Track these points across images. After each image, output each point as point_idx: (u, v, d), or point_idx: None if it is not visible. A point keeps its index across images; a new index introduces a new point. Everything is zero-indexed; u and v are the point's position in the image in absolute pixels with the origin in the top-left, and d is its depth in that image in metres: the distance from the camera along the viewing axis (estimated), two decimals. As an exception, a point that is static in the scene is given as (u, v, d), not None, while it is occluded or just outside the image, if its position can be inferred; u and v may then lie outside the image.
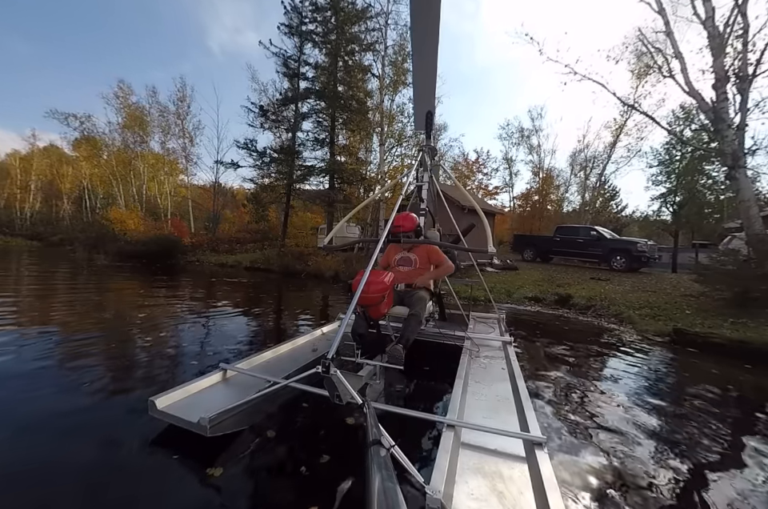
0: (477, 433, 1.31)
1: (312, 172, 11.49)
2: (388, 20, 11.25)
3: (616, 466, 1.46)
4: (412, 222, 2.19)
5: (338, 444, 1.51)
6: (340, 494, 1.20)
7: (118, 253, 12.04)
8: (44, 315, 3.84)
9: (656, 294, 5.90)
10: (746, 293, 4.48)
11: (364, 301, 1.70)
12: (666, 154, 12.10)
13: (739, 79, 5.51)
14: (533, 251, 11.31)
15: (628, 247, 8.92)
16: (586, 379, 2.54)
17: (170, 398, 1.52)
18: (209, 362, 2.42)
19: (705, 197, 11.63)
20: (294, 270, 9.63)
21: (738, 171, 5.38)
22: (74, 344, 2.75)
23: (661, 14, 6.30)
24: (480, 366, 2.10)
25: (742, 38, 5.52)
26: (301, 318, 4.38)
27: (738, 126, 5.56)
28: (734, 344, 3.41)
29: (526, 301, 5.88)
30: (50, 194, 28.26)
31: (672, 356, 3.36)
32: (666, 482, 1.38)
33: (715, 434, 1.81)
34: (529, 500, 0.99)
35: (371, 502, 0.65)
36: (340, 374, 1.18)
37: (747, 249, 5.13)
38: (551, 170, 22.34)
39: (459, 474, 1.09)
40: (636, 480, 1.38)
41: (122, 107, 18.73)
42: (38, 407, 1.71)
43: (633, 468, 1.46)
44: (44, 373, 2.13)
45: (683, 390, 2.52)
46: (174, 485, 1.25)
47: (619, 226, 18.65)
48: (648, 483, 1.37)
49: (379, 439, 0.88)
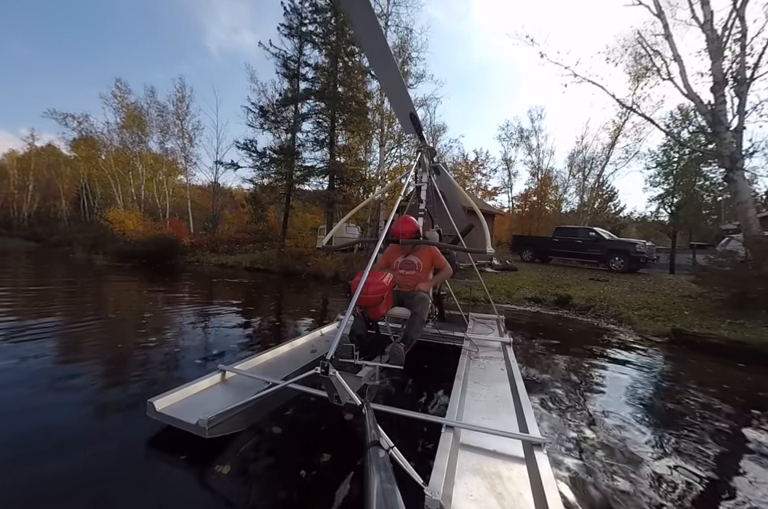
0: (476, 434, 1.30)
1: (312, 173, 11.49)
2: (388, 21, 11.28)
3: (616, 464, 1.46)
4: (412, 227, 2.15)
5: (337, 444, 1.51)
6: (340, 493, 1.20)
7: (117, 253, 11.99)
8: (48, 314, 3.82)
9: (654, 295, 5.92)
10: (744, 294, 4.51)
11: (363, 302, 1.70)
12: (664, 155, 12.17)
13: (737, 82, 5.54)
14: (532, 252, 11.33)
15: (626, 248, 8.95)
16: (587, 379, 2.55)
17: (169, 399, 1.51)
18: (214, 362, 2.41)
19: (702, 198, 11.70)
20: (294, 270, 9.62)
21: (735, 173, 5.41)
22: (81, 344, 2.76)
23: (660, 17, 6.34)
24: (479, 367, 2.10)
25: (740, 42, 5.56)
26: (303, 318, 4.39)
27: (736, 129, 5.59)
28: (732, 345, 3.43)
29: (525, 301, 5.89)
30: (47, 194, 28.19)
31: (670, 356, 3.37)
32: (666, 480, 1.39)
33: (711, 432, 1.82)
34: (528, 501, 0.99)
35: (370, 503, 0.65)
36: (339, 376, 1.18)
37: (745, 250, 5.16)
38: (550, 171, 22.44)
39: (458, 475, 1.09)
40: (636, 479, 1.38)
41: (120, 107, 18.72)
42: (42, 408, 1.70)
43: (632, 466, 1.46)
44: (45, 372, 2.12)
45: (682, 389, 2.52)
46: (174, 485, 1.25)
47: (617, 227, 18.73)
48: (648, 482, 1.37)
49: (378, 440, 0.88)
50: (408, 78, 11.73)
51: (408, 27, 11.34)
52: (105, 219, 15.98)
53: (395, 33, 11.46)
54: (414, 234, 2.15)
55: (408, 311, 2.03)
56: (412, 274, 2.22)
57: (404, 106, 2.27)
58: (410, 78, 11.83)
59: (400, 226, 2.13)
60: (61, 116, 19.15)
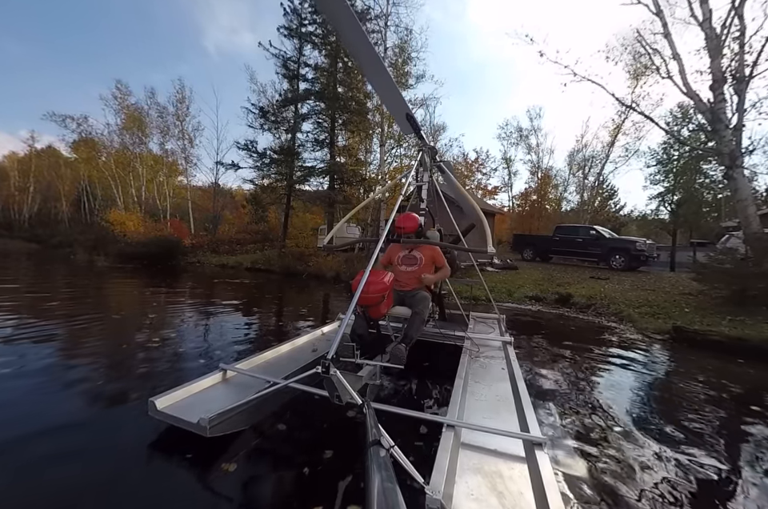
0: (477, 433, 1.30)
1: (312, 173, 11.50)
2: (388, 22, 11.28)
3: (615, 463, 1.47)
4: (414, 223, 2.18)
5: (338, 443, 1.52)
6: (341, 491, 1.21)
7: (118, 255, 12.01)
8: (51, 317, 3.83)
9: (655, 293, 5.92)
10: (744, 291, 4.50)
11: (364, 301, 1.70)
12: (664, 153, 12.16)
13: (736, 80, 5.54)
14: (532, 251, 11.33)
15: (627, 246, 8.94)
16: (589, 376, 2.56)
17: (170, 398, 1.52)
18: (215, 361, 2.42)
19: (702, 196, 11.70)
20: (296, 270, 9.63)
21: (735, 171, 5.40)
22: (84, 344, 2.77)
23: (659, 15, 6.33)
24: (480, 367, 2.10)
25: (739, 40, 5.55)
26: (304, 318, 4.39)
27: (735, 127, 5.59)
28: (733, 341, 3.44)
29: (527, 300, 5.89)
30: (48, 196, 28.22)
31: (671, 353, 3.38)
32: (664, 478, 1.39)
33: (710, 426, 1.84)
34: (529, 500, 0.99)
35: (371, 503, 0.66)
36: (340, 375, 1.18)
37: (745, 247, 5.15)
38: (549, 170, 22.42)
39: (459, 474, 1.09)
40: (634, 477, 1.38)
41: (121, 108, 18.75)
42: (47, 408, 1.71)
43: (632, 465, 1.46)
44: (47, 372, 2.13)
45: (684, 385, 2.53)
46: (176, 483, 1.26)
47: (617, 225, 18.70)
48: (647, 480, 1.37)
49: (379, 440, 0.88)
50: (408, 78, 11.72)
51: (408, 27, 11.34)
52: (106, 221, 16.02)
53: (395, 33, 11.46)
54: (416, 229, 2.16)
55: (409, 310, 2.04)
56: (413, 270, 2.22)
57: (399, 107, 2.28)
58: (410, 78, 11.83)
59: (402, 221, 2.15)
60: (60, 118, 19.20)
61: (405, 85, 11.74)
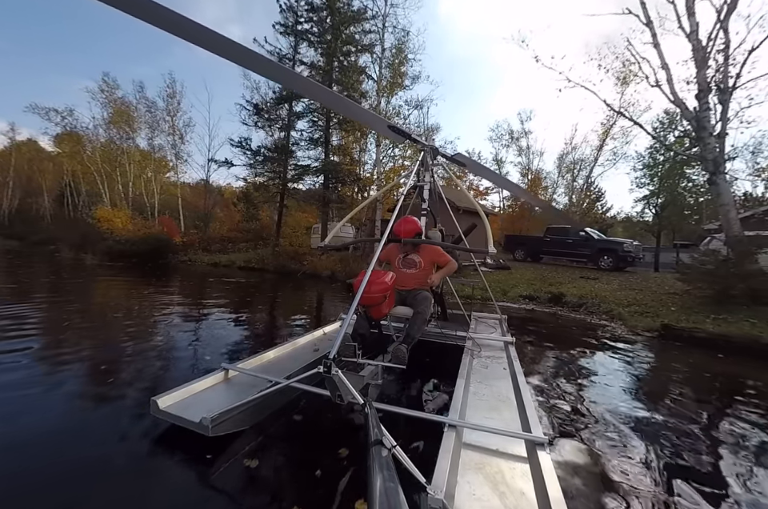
0: (478, 433, 1.31)
1: (306, 172, 11.40)
2: (385, 22, 11.27)
3: (615, 461, 1.51)
4: (413, 227, 2.14)
5: (339, 442, 1.52)
6: (343, 491, 1.21)
7: (107, 253, 11.65)
8: (52, 315, 3.70)
9: (642, 292, 6.11)
10: (726, 290, 4.70)
11: (366, 301, 1.71)
12: (650, 157, 12.54)
13: (720, 90, 5.77)
14: (524, 251, 11.52)
15: (615, 247, 9.19)
16: (583, 373, 2.64)
17: (172, 397, 1.50)
18: (217, 360, 2.39)
19: (685, 199, 12.09)
20: (290, 269, 9.54)
21: (718, 177, 5.63)
22: (85, 344, 2.71)
23: (649, 26, 6.53)
24: (482, 366, 2.11)
25: (724, 52, 5.79)
26: (304, 317, 4.38)
27: (719, 134, 5.82)
28: (717, 338, 3.63)
29: (520, 299, 6.00)
30: (28, 191, 27.09)
31: (660, 349, 3.57)
32: (663, 475, 1.44)
33: (693, 414, 1.98)
34: (530, 500, 0.99)
35: (373, 503, 0.66)
36: (341, 375, 1.18)
37: (726, 249, 5.38)
38: (539, 172, 22.83)
39: (461, 474, 1.09)
40: (633, 475, 1.43)
41: (108, 102, 18.15)
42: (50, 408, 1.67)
43: (631, 462, 1.51)
44: (48, 372, 2.07)
45: (673, 378, 2.71)
46: (178, 483, 1.25)
47: (605, 226, 19.17)
48: (646, 478, 1.41)
49: (381, 439, 0.88)
50: (404, 79, 11.75)
51: (405, 29, 11.36)
52: (92, 218, 15.50)
53: (392, 34, 11.46)
54: (415, 233, 2.15)
55: (410, 310, 2.05)
56: (412, 272, 2.24)
57: (378, 123, 2.36)
58: (406, 79, 11.86)
59: (402, 225, 2.13)
60: (43, 110, 18.46)
61: (401, 85, 11.76)
